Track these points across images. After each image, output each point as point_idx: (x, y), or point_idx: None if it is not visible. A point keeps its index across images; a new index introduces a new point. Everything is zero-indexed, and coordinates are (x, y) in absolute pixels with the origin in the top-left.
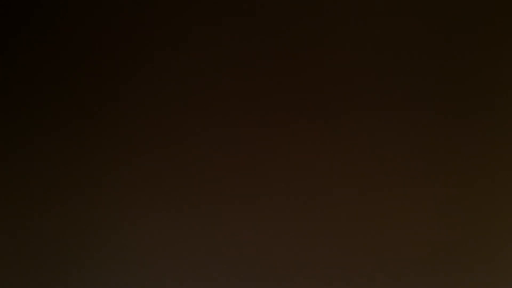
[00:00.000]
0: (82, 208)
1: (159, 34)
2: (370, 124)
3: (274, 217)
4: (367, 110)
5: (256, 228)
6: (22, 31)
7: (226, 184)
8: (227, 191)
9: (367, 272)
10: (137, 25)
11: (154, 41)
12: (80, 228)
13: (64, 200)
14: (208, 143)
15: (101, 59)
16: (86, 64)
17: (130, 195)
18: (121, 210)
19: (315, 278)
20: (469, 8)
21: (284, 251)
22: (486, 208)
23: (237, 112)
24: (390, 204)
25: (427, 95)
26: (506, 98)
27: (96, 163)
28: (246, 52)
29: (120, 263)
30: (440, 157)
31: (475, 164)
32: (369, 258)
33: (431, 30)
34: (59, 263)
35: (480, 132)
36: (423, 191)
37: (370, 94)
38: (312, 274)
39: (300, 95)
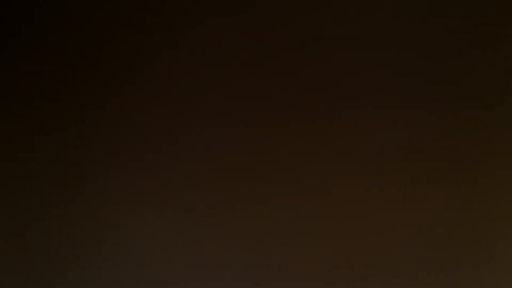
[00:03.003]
0: (82, 209)
1: (159, 35)
2: (371, 124)
3: (275, 217)
4: (367, 110)
5: (257, 229)
6: (22, 31)
7: (227, 185)
8: (227, 192)
9: (368, 272)
10: (137, 25)
11: (154, 41)
12: (80, 229)
13: (64, 202)
14: (209, 144)
15: (101, 59)
16: (85, 64)
17: (130, 196)
18: (122, 211)
19: (316, 278)
20: (468, 8)
21: (284, 251)
22: (486, 208)
23: (238, 112)
24: (391, 204)
25: (427, 96)
26: (506, 98)
27: (96, 164)
28: (246, 52)
29: (120, 265)
30: (440, 157)
31: (475, 164)
32: (369, 258)
33: (432, 30)
34: (59, 264)
35: (480, 132)
36: (424, 191)
37: (371, 94)
38: (314, 274)
39: (300, 95)
